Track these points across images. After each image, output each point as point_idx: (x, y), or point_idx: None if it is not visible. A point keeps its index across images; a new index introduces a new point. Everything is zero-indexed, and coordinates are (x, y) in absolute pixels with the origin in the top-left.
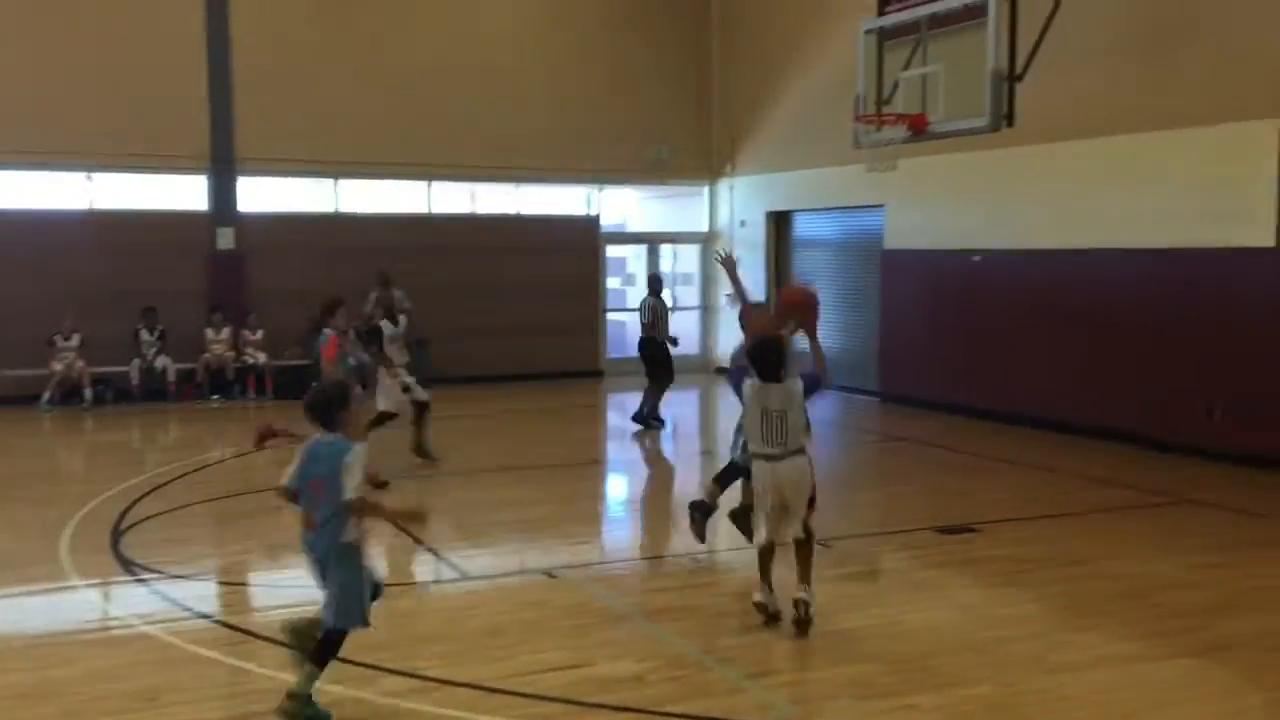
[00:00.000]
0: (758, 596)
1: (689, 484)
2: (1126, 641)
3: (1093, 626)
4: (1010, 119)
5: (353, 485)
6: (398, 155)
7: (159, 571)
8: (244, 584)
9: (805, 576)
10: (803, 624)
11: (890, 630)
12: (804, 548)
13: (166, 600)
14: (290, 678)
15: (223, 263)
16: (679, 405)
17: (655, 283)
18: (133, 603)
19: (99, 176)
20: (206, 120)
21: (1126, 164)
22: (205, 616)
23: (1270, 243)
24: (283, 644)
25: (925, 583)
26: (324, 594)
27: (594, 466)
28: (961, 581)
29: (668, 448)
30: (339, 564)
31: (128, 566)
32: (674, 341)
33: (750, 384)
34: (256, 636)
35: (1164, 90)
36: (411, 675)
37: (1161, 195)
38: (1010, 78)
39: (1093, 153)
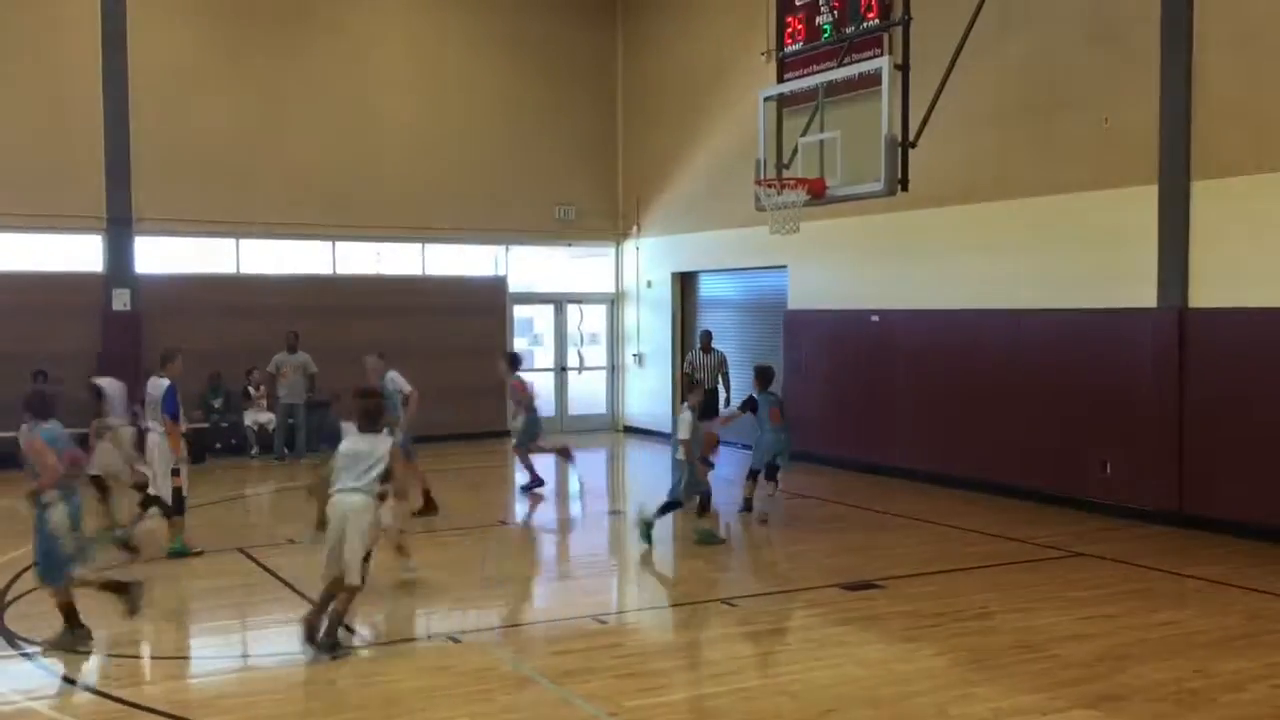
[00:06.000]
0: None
1: (598, 545)
2: (1025, 694)
3: (992, 679)
4: (905, 184)
5: None
6: (301, 215)
7: (45, 645)
8: (133, 657)
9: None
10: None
11: (794, 688)
12: None
13: (52, 675)
14: None
15: (118, 324)
16: (586, 466)
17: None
18: (17, 678)
19: None
20: (102, 179)
21: (1015, 227)
22: (91, 690)
23: (1153, 303)
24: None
25: (829, 639)
26: None
27: (500, 528)
28: (865, 638)
29: (575, 508)
30: None
31: (11, 640)
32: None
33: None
34: (143, 709)
35: (1049, 157)
36: None
37: (1049, 258)
38: (904, 144)
39: (983, 217)
